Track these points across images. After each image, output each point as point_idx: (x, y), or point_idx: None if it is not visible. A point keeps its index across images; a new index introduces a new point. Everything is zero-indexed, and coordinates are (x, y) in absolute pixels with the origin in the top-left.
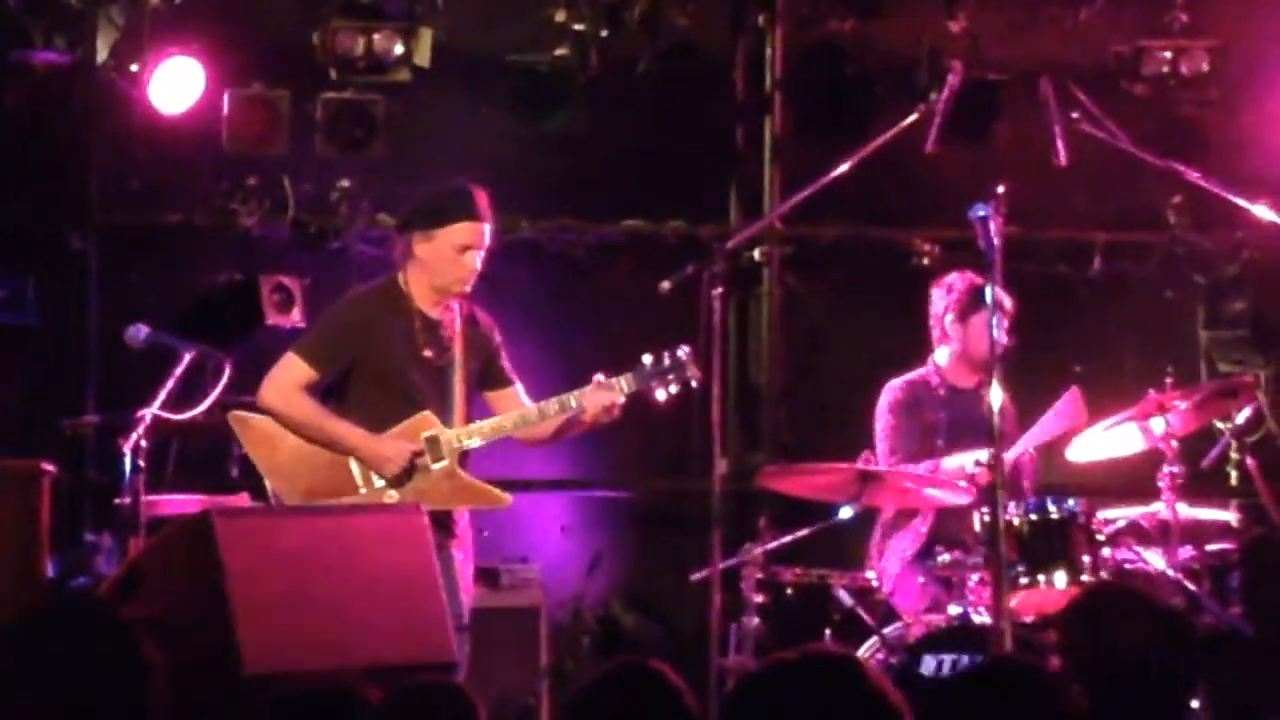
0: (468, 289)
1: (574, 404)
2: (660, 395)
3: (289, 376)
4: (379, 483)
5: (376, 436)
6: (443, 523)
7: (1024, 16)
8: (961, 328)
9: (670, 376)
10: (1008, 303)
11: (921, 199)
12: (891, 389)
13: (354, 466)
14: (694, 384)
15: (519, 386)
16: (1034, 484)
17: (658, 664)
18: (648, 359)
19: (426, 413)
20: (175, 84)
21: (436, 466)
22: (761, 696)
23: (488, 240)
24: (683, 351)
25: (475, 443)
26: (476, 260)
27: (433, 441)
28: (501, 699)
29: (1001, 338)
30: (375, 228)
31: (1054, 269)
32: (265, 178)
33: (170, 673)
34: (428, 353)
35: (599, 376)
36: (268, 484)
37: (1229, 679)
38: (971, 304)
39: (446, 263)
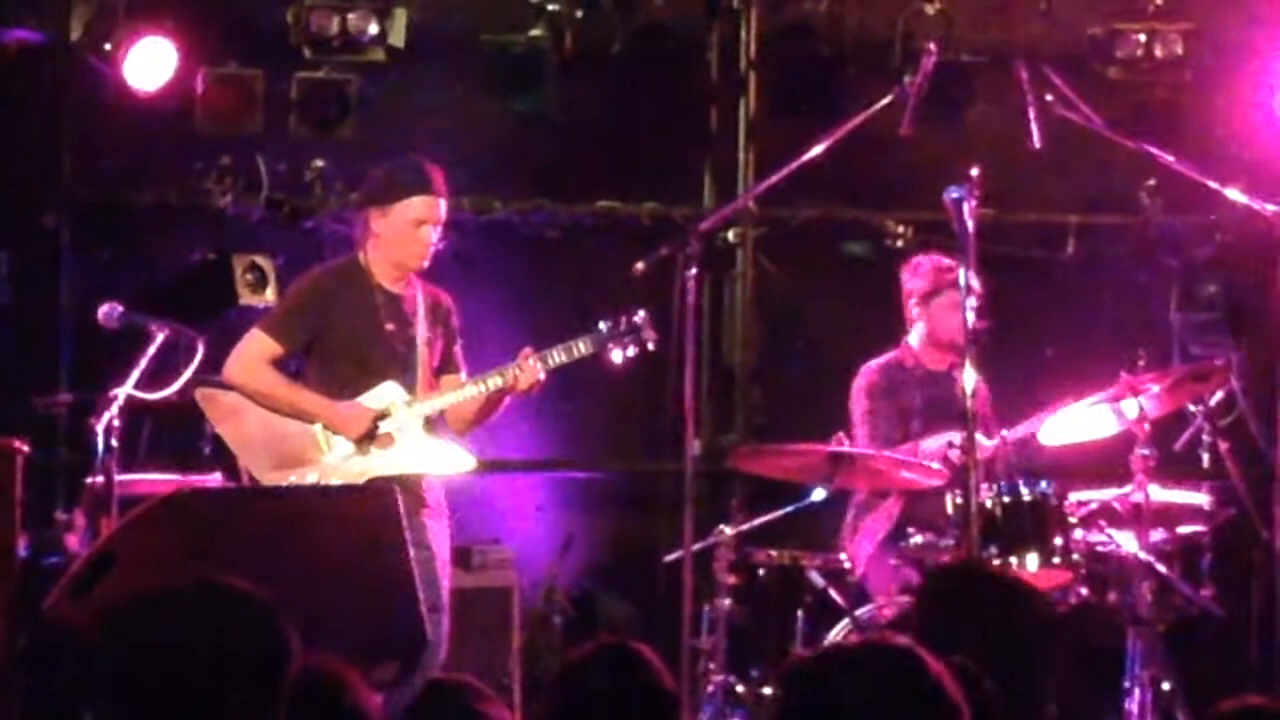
0: (425, 264)
1: (508, 376)
2: (617, 358)
3: (253, 351)
4: (344, 448)
5: (339, 402)
6: (411, 493)
7: None
8: (925, 310)
9: (626, 339)
10: (977, 284)
11: (896, 181)
12: (867, 372)
13: (319, 434)
14: (650, 346)
15: (465, 375)
16: (1006, 466)
17: (636, 644)
18: (604, 324)
19: (391, 382)
20: (149, 63)
21: (400, 432)
22: (818, 684)
23: (442, 214)
24: (639, 315)
25: (440, 406)
26: (432, 234)
27: (396, 407)
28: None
29: (972, 320)
30: (349, 208)
31: (1027, 251)
32: (239, 157)
33: None
34: (390, 326)
35: (527, 350)
36: (236, 454)
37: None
38: (934, 286)
39: (403, 237)
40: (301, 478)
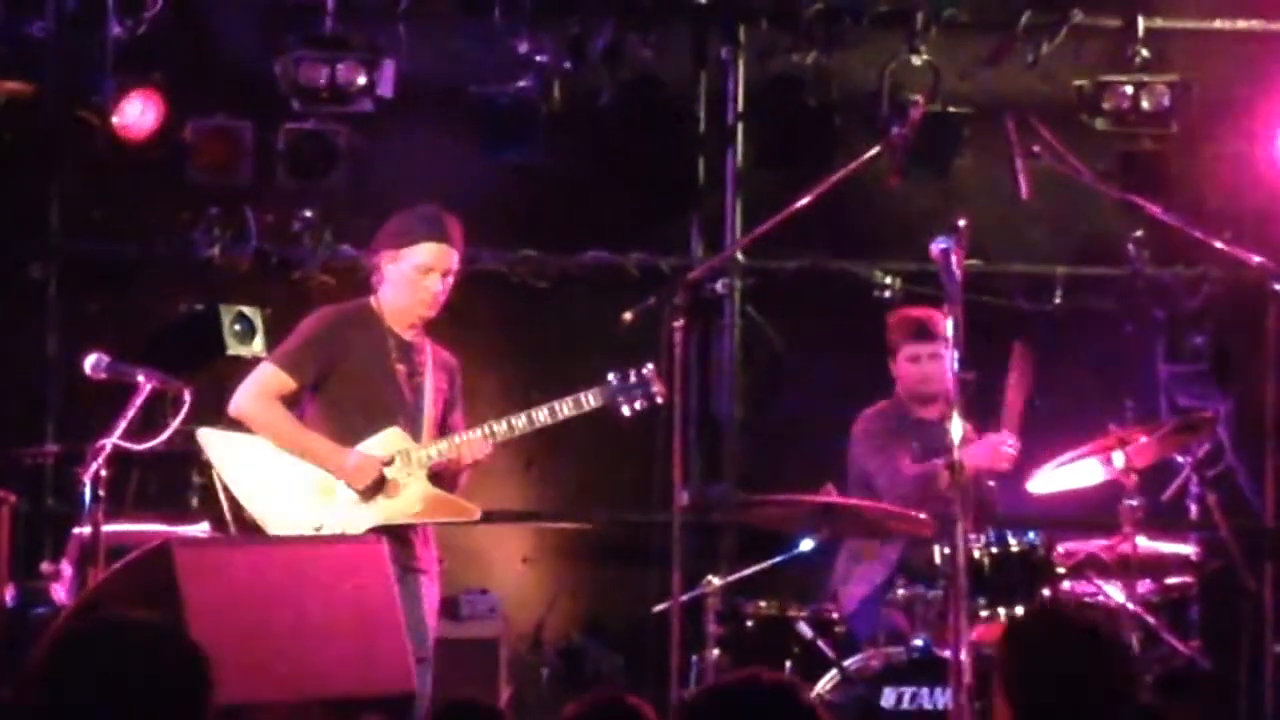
0: (432, 313)
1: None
2: (625, 412)
3: (264, 384)
4: (348, 496)
5: (346, 449)
6: (405, 546)
7: (985, 51)
8: (893, 364)
9: (636, 393)
10: (949, 333)
11: (883, 232)
12: (867, 417)
13: (323, 480)
14: (659, 400)
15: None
16: (993, 514)
17: (633, 699)
18: (613, 376)
19: (396, 428)
20: (137, 114)
21: (406, 480)
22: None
23: (453, 264)
24: (648, 369)
25: (447, 453)
26: (438, 283)
27: (403, 455)
28: None
29: (928, 367)
30: (337, 258)
31: (1014, 302)
32: (227, 207)
33: None
34: (400, 366)
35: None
36: (238, 498)
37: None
38: (892, 343)
39: (409, 284)
40: (304, 524)
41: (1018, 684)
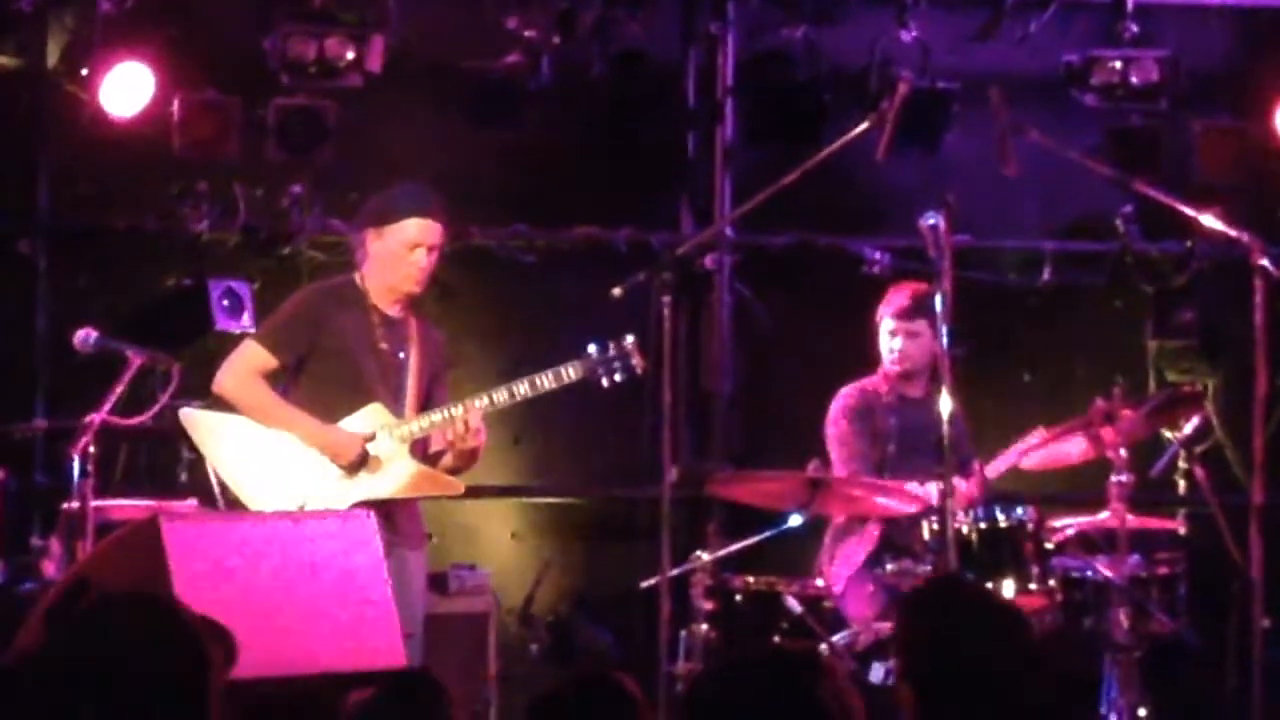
0: (419, 288)
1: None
2: (605, 383)
3: (246, 363)
4: (332, 472)
5: (329, 426)
6: (390, 522)
7: (975, 26)
8: (880, 338)
9: (615, 365)
10: (936, 309)
11: (872, 207)
12: (844, 395)
13: (306, 457)
14: (639, 372)
15: None
16: (982, 494)
17: (619, 675)
18: (593, 348)
19: (377, 404)
20: (126, 88)
21: (389, 456)
22: (718, 696)
23: (438, 239)
24: (628, 340)
25: (426, 429)
26: (424, 258)
27: (384, 431)
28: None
29: (903, 345)
30: (326, 233)
31: (1003, 278)
32: (216, 182)
33: None
34: (384, 345)
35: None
36: (221, 475)
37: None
38: (879, 316)
39: (396, 260)
40: (287, 501)
41: (916, 655)
